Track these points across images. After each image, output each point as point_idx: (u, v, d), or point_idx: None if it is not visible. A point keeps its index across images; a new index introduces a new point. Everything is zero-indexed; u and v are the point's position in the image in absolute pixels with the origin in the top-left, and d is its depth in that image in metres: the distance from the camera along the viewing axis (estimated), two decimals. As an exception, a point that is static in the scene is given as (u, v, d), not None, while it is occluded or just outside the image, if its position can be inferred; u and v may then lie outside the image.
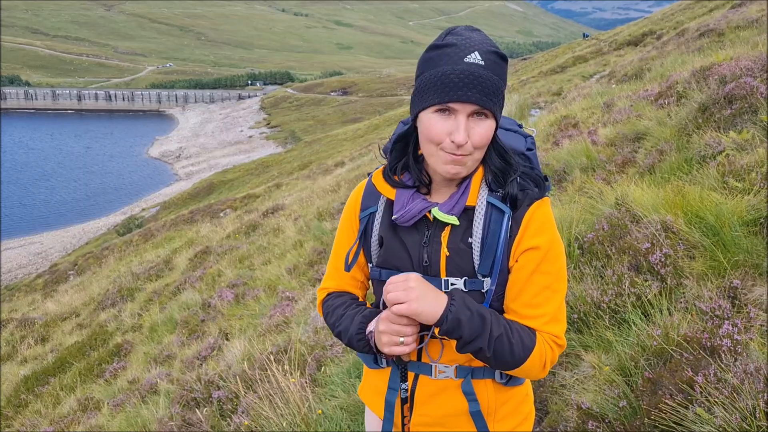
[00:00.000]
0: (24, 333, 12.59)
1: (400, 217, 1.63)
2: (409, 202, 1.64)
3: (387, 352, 1.57)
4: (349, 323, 1.72)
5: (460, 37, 1.50)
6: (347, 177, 17.77)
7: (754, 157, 4.05)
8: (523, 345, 1.53)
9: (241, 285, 9.29)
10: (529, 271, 1.58)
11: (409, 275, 1.54)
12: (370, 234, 1.75)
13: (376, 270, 1.74)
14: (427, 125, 1.52)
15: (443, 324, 1.50)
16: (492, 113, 1.50)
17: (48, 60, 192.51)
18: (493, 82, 1.47)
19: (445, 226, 1.62)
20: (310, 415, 3.79)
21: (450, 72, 1.46)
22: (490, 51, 1.49)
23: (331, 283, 1.88)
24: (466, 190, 1.61)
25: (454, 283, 1.60)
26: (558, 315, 1.60)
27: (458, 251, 1.60)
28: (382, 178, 1.73)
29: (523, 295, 1.59)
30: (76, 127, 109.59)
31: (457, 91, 1.45)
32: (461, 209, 1.59)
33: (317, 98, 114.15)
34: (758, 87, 5.11)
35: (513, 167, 1.62)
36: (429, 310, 1.49)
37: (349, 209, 1.83)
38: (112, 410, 6.56)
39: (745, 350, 2.50)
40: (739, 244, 3.29)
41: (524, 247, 1.58)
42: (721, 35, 10.81)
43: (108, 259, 21.15)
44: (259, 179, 44.24)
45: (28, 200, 59.63)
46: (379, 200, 1.75)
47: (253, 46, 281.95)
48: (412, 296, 1.49)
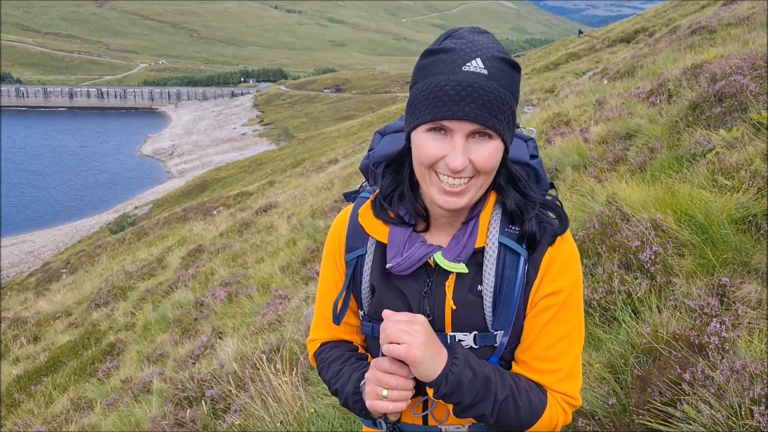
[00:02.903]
0: (16, 332, 12.53)
1: (396, 266, 1.36)
2: (406, 246, 1.37)
3: (369, 406, 1.31)
4: (346, 380, 1.46)
5: (460, 41, 1.25)
6: (341, 174, 17.77)
7: (744, 155, 4.08)
8: (531, 408, 1.32)
9: (234, 283, 9.28)
10: (545, 319, 1.36)
11: (416, 316, 1.29)
12: (360, 280, 1.48)
13: (367, 324, 1.48)
14: (418, 146, 1.27)
15: (441, 386, 1.26)
16: (498, 133, 1.24)
17: (39, 57, 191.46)
18: (497, 95, 1.21)
19: (450, 273, 1.36)
20: (302, 413, 3.80)
21: (444, 83, 1.21)
22: (497, 57, 1.23)
23: (322, 334, 1.61)
24: (474, 230, 1.35)
25: (462, 339, 1.37)
26: (574, 370, 1.38)
27: (466, 303, 1.36)
28: (372, 214, 1.44)
29: (536, 347, 1.37)
30: (69, 125, 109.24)
31: (452, 107, 1.20)
32: (469, 254, 1.34)
33: (310, 95, 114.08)
34: (748, 85, 5.14)
35: (532, 201, 1.37)
36: (429, 364, 1.25)
37: (333, 247, 1.55)
38: (105, 409, 6.55)
39: (732, 348, 2.52)
40: (728, 242, 3.32)
41: (544, 293, 1.35)
42: (713, 32, 10.85)
43: (101, 258, 21.08)
44: (253, 177, 44.19)
45: (20, 199, 59.34)
46: (367, 241, 1.46)
47: (245, 43, 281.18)
48: (415, 340, 1.23)
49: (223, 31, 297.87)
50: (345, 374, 1.47)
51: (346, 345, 1.59)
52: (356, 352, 1.57)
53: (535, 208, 1.36)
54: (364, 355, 1.57)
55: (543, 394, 1.36)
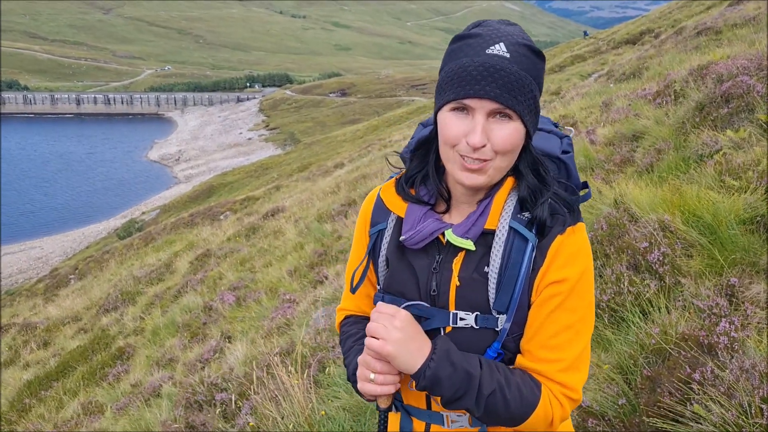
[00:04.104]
0: (26, 338, 12.61)
1: (408, 238, 1.42)
2: (420, 221, 1.43)
3: (359, 388, 1.39)
4: (351, 360, 1.54)
5: (487, 28, 1.32)
6: (347, 178, 17.79)
7: (751, 155, 4.09)
8: (522, 402, 1.32)
9: (243, 288, 9.32)
10: (551, 307, 1.35)
11: (399, 311, 1.35)
12: (378, 252, 1.55)
13: (379, 295, 1.54)
14: (442, 125, 1.34)
15: (420, 379, 1.31)
16: (517, 114, 1.29)
17: (46, 64, 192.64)
18: (518, 77, 1.27)
19: (459, 251, 1.41)
20: (313, 416, 3.82)
21: (468, 64, 1.28)
22: (520, 43, 1.29)
23: (348, 304, 1.70)
24: (485, 211, 1.39)
25: (464, 318, 1.38)
26: (577, 363, 1.36)
27: (471, 282, 1.39)
28: (394, 190, 1.52)
29: (540, 335, 1.36)
30: (76, 131, 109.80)
31: (474, 86, 1.26)
32: (478, 233, 1.38)
33: (316, 100, 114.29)
34: (755, 85, 5.14)
35: (547, 186, 1.39)
36: (405, 359, 1.31)
37: (360, 222, 1.64)
38: (115, 414, 6.59)
39: (741, 347, 2.53)
40: (737, 243, 3.33)
41: (549, 280, 1.35)
42: (719, 33, 10.84)
43: (109, 263, 21.17)
44: (259, 181, 44.29)
45: (28, 206, 59.65)
46: (389, 216, 1.54)
47: (251, 49, 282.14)
48: (391, 336, 1.30)
49: (228, 36, 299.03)
50: (352, 353, 1.55)
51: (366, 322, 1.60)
52: None
53: (548, 192, 1.37)
54: None
55: (537, 388, 1.34)
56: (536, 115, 1.35)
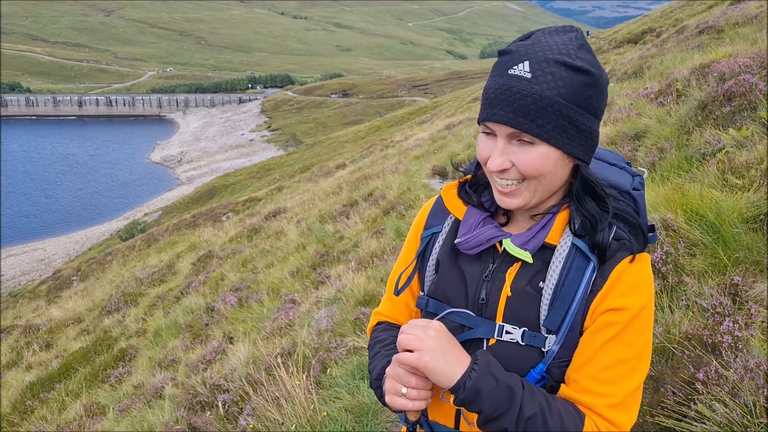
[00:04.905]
0: (29, 339, 12.63)
1: (464, 242, 1.37)
2: (478, 226, 1.38)
3: (388, 402, 1.30)
4: (374, 366, 1.48)
5: (524, 43, 1.26)
6: (349, 179, 17.79)
7: (754, 154, 4.07)
8: (563, 431, 1.23)
9: (245, 288, 9.32)
10: (606, 337, 1.25)
11: (432, 322, 1.28)
12: (428, 257, 1.50)
13: (423, 298, 1.47)
14: (477, 146, 1.33)
15: (459, 392, 1.22)
16: (541, 139, 1.22)
17: (48, 66, 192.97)
18: (537, 99, 1.19)
19: (515, 261, 1.34)
20: (315, 417, 3.81)
21: (489, 86, 1.26)
22: (552, 60, 1.21)
23: (385, 308, 1.64)
24: (548, 225, 1.33)
25: (510, 332, 1.30)
26: (629, 401, 1.26)
27: (523, 294, 1.31)
28: (455, 192, 1.47)
29: (591, 365, 1.25)
30: (78, 133, 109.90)
31: (490, 109, 1.24)
32: (538, 245, 1.31)
33: (318, 101, 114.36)
34: (757, 84, 5.13)
35: (607, 211, 1.30)
36: (443, 369, 1.22)
37: (415, 226, 1.59)
38: (117, 415, 6.59)
39: (745, 347, 2.52)
40: (740, 241, 3.31)
41: (608, 306, 1.25)
42: (721, 32, 10.82)
43: (111, 265, 21.20)
44: (261, 182, 44.35)
45: (31, 208, 59.77)
46: (446, 220, 1.49)
47: (252, 50, 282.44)
48: (425, 346, 1.23)
49: (230, 38, 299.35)
50: (377, 359, 1.48)
51: (398, 330, 1.55)
52: None
53: (608, 217, 1.29)
54: None
55: (580, 419, 1.24)
56: (578, 135, 1.25)
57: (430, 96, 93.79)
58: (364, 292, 6.07)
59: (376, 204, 10.74)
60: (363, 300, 5.88)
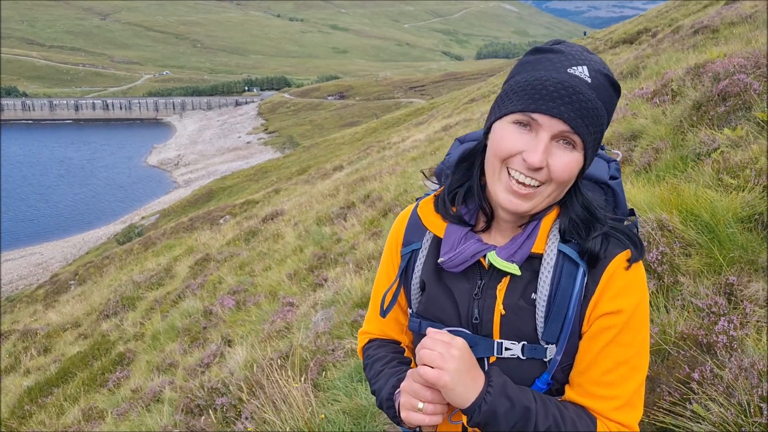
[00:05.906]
0: (26, 344, 12.60)
1: (447, 261, 1.33)
2: (461, 242, 1.34)
3: (403, 417, 1.28)
4: (383, 384, 1.44)
5: (571, 48, 1.24)
6: (346, 181, 17.79)
7: (748, 153, 4.08)
8: None
9: (242, 291, 9.31)
10: (604, 341, 1.26)
11: (455, 339, 1.25)
12: (411, 275, 1.46)
13: (415, 320, 1.44)
14: (499, 136, 1.25)
15: (474, 414, 1.21)
16: (583, 143, 1.21)
17: (45, 70, 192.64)
18: (595, 105, 1.19)
19: (503, 276, 1.31)
20: (313, 419, 3.81)
21: (546, 78, 1.19)
22: (602, 73, 1.22)
23: (371, 327, 1.61)
24: (533, 233, 1.30)
25: (509, 348, 1.30)
26: (634, 400, 1.27)
27: (517, 310, 1.30)
28: (432, 208, 1.42)
29: (593, 370, 1.27)
30: (75, 137, 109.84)
31: (548, 102, 1.18)
32: (525, 256, 1.29)
33: (314, 103, 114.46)
34: (752, 83, 5.15)
35: (600, 221, 1.30)
36: (461, 391, 1.21)
37: (391, 241, 1.54)
38: (116, 419, 6.58)
39: (740, 346, 2.53)
40: (735, 241, 3.32)
41: (602, 311, 1.26)
42: (716, 32, 10.84)
43: (109, 269, 21.16)
44: (258, 185, 44.30)
45: (28, 213, 59.69)
46: (425, 236, 1.45)
47: (248, 52, 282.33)
48: (448, 366, 1.20)
49: (226, 40, 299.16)
50: (383, 377, 1.45)
51: (392, 345, 1.56)
52: (400, 355, 1.54)
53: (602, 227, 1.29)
54: (407, 359, 1.53)
55: (592, 423, 1.26)
56: (597, 147, 1.26)
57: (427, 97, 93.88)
58: (361, 294, 6.08)
59: (374, 206, 10.74)
60: (360, 302, 5.88)
